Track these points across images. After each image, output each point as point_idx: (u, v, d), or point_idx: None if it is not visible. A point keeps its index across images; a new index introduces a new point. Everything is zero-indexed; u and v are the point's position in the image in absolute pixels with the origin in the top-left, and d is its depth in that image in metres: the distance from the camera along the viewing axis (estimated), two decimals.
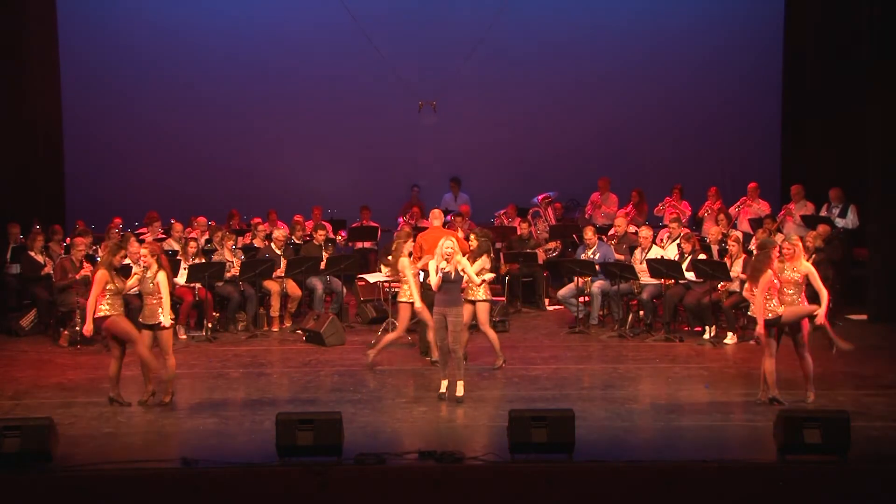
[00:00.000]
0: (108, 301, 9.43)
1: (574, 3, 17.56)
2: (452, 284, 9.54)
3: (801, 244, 9.53)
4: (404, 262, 10.68)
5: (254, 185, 17.19)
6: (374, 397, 9.79)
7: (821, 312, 9.21)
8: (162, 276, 9.46)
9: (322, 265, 13.30)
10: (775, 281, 9.17)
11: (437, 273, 9.50)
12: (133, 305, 10.38)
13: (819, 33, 15.36)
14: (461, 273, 9.58)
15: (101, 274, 9.46)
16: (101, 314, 9.42)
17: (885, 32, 13.06)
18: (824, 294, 9.30)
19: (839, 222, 13.95)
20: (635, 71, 17.35)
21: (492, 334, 10.82)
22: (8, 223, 13.65)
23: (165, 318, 9.38)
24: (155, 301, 9.40)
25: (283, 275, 13.10)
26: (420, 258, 11.31)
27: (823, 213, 14.12)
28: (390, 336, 10.94)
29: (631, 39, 17.35)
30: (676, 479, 7.55)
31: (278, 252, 13.47)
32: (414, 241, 11.28)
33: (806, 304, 9.32)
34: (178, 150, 17.38)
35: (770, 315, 9.11)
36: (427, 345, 10.98)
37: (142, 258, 9.53)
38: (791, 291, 9.21)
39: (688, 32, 17.28)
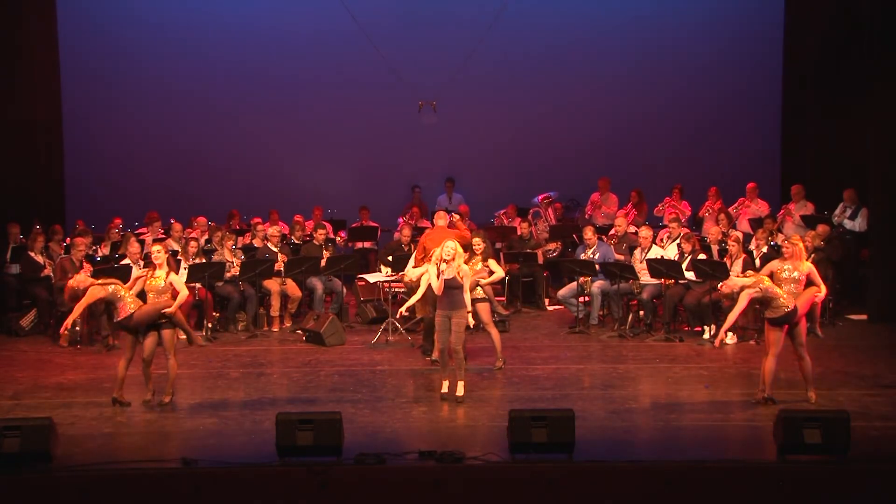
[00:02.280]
0: (130, 300, 9.42)
1: (574, 3, 17.57)
2: (455, 289, 9.53)
3: (801, 244, 9.56)
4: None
5: (254, 185, 17.19)
6: (374, 397, 9.79)
7: (819, 296, 9.39)
8: (174, 276, 9.56)
9: (322, 265, 13.31)
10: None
11: (437, 277, 9.49)
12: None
13: (819, 33, 15.36)
14: (460, 280, 9.56)
15: (95, 290, 9.40)
16: (129, 312, 9.37)
17: (886, 32, 13.06)
18: (823, 289, 9.44)
19: (847, 224, 13.94)
20: (635, 71, 17.35)
21: (495, 333, 10.83)
22: (8, 223, 13.64)
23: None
24: (163, 300, 9.42)
25: (281, 269, 13.10)
26: (422, 258, 11.35)
27: (838, 213, 14.07)
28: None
29: (631, 39, 17.35)
30: (676, 479, 7.55)
31: (274, 249, 13.49)
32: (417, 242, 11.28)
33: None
34: (178, 150, 17.37)
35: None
36: (429, 345, 10.97)
37: (155, 256, 9.54)
38: (791, 288, 9.26)
39: (688, 32, 17.29)
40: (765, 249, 12.61)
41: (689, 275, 12.23)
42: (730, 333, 11.96)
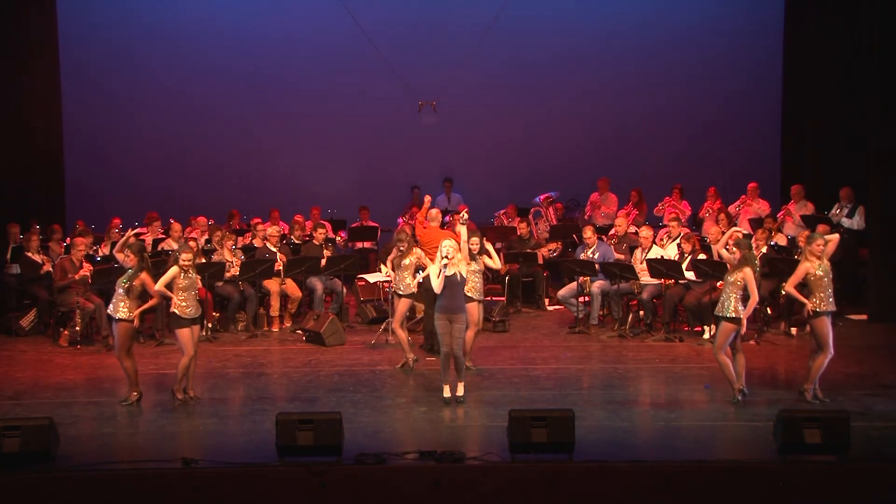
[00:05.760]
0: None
1: (574, 3, 17.57)
2: (456, 288, 9.51)
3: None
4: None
5: (254, 185, 17.20)
6: (374, 397, 9.79)
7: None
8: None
9: (322, 265, 13.31)
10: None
11: (438, 276, 9.45)
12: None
13: (819, 33, 15.36)
14: (465, 276, 9.54)
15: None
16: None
17: (885, 32, 13.05)
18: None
19: (845, 222, 13.93)
20: (635, 71, 17.36)
21: (470, 335, 10.34)
22: (8, 223, 13.64)
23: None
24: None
25: (281, 268, 13.10)
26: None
27: (835, 211, 14.06)
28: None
29: (631, 40, 17.36)
30: (676, 479, 7.55)
31: (273, 249, 13.49)
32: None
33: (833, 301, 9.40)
34: (178, 150, 17.39)
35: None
36: (432, 341, 10.94)
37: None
38: (824, 291, 9.26)
39: (688, 33, 17.30)
40: (764, 249, 12.61)
41: (689, 275, 12.22)
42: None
